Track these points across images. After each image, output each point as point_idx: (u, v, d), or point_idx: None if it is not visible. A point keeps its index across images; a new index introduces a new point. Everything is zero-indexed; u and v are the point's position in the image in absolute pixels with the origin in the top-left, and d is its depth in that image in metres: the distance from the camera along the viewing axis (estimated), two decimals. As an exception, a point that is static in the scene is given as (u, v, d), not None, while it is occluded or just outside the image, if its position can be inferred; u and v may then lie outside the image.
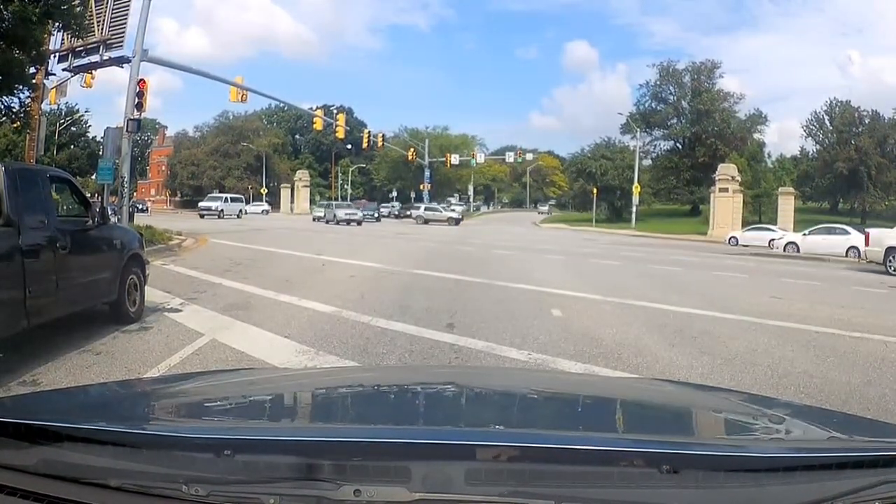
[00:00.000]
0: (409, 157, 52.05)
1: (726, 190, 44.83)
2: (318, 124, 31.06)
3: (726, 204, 44.52)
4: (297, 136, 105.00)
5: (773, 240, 35.24)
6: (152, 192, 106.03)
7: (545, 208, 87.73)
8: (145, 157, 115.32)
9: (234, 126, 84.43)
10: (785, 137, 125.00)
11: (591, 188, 53.52)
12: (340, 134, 33.41)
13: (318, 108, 37.07)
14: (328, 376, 2.83)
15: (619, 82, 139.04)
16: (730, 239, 37.22)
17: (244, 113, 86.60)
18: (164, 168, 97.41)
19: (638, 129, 52.87)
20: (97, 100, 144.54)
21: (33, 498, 1.18)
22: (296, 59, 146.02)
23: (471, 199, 70.65)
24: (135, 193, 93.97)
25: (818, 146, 67.83)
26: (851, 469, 1.18)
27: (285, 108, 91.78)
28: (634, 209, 48.25)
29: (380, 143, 43.20)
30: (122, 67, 22.77)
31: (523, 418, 1.73)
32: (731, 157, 53.97)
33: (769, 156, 65.12)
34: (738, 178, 46.37)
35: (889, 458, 1.20)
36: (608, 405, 1.96)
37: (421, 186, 59.27)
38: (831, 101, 67.19)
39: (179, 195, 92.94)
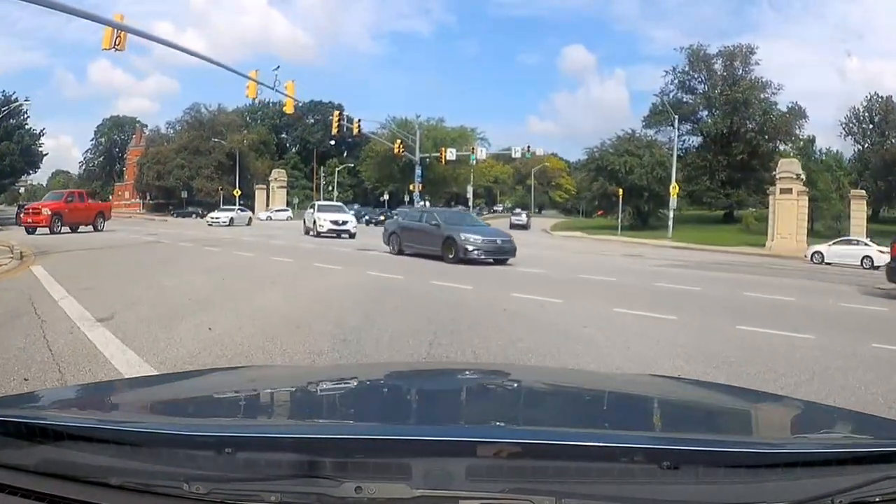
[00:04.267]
0: (396, 151, 42.90)
1: (789, 191, 35.53)
2: (252, 91, 22.37)
3: (790, 209, 35.28)
4: (283, 135, 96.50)
5: (867, 257, 26.90)
6: (126, 194, 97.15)
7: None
8: (123, 158, 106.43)
9: (205, 121, 75.36)
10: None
11: (614, 189, 44.66)
12: (289, 109, 25.00)
13: (300, 100, 27.01)
14: (329, 373, 2.82)
15: (618, 87, 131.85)
16: (813, 255, 28.56)
17: (218, 106, 78.33)
18: (137, 169, 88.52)
19: (676, 118, 43.65)
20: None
21: (34, 497, 1.16)
22: (295, 62, 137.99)
23: (470, 202, 61.13)
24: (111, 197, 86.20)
25: (858, 146, 59.91)
26: (853, 465, 1.17)
27: (269, 104, 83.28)
28: (672, 215, 39.20)
29: (355, 130, 34.33)
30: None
31: (524, 414, 1.71)
32: (782, 153, 45.21)
33: (822, 152, 56.51)
34: (803, 177, 37.23)
35: (891, 454, 1.20)
36: (609, 401, 1.93)
37: (411, 186, 50.26)
38: (870, 97, 59.37)
39: (148, 197, 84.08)
